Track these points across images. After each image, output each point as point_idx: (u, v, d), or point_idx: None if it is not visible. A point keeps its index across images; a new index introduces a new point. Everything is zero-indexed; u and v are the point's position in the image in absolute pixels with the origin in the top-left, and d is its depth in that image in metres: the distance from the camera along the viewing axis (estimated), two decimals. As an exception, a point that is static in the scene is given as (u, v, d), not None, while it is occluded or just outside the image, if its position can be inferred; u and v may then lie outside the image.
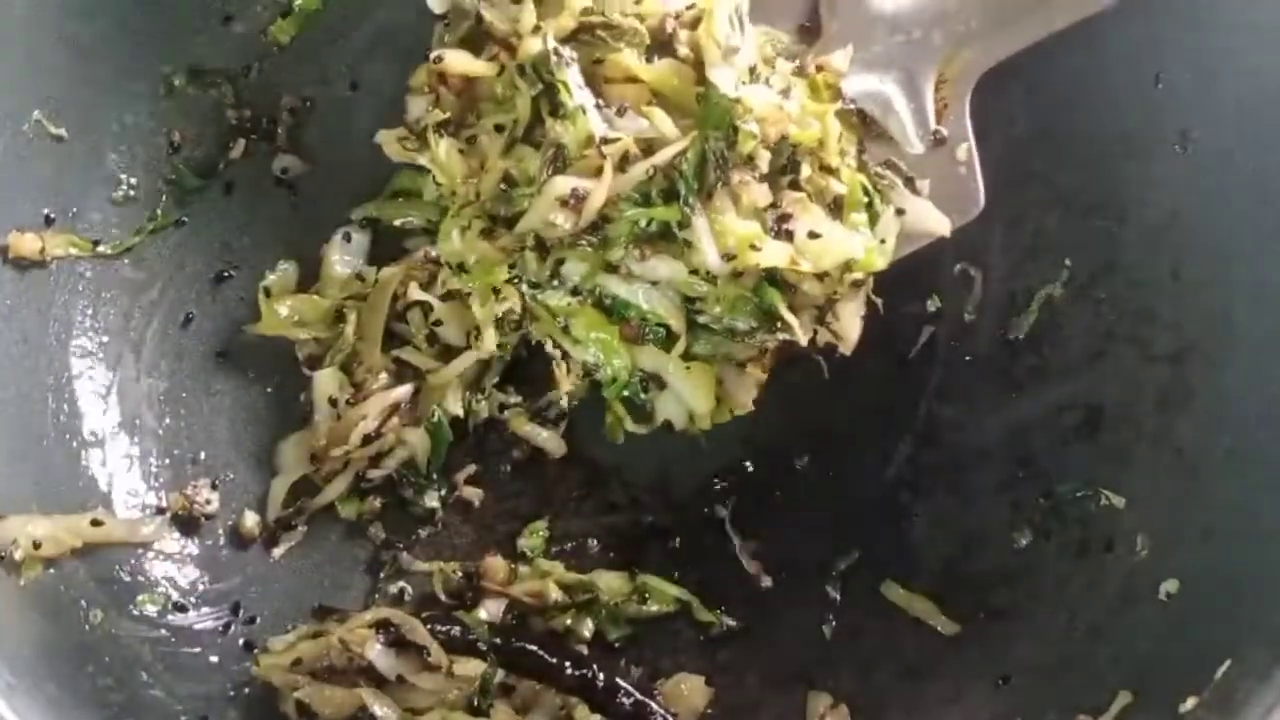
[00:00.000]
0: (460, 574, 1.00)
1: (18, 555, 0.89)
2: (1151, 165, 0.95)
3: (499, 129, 0.93)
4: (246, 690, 0.93)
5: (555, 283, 0.92)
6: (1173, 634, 0.87)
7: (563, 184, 0.88)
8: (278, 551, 1.01)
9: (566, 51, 0.89)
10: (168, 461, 1.00)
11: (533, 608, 0.99)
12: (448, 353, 1.02)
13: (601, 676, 0.95)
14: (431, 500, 1.02)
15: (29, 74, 0.95)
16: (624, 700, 0.94)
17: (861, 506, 1.03)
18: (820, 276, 0.89)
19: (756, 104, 0.88)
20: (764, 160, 0.89)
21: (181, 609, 0.96)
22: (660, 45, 0.91)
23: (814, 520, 1.03)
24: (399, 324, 1.03)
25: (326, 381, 1.01)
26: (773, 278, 0.89)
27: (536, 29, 0.90)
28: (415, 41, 0.99)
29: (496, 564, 1.00)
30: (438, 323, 1.01)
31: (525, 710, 0.94)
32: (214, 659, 0.95)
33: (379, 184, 1.04)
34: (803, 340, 0.91)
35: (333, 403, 1.00)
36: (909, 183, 0.94)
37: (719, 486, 1.04)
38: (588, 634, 0.99)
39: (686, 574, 1.02)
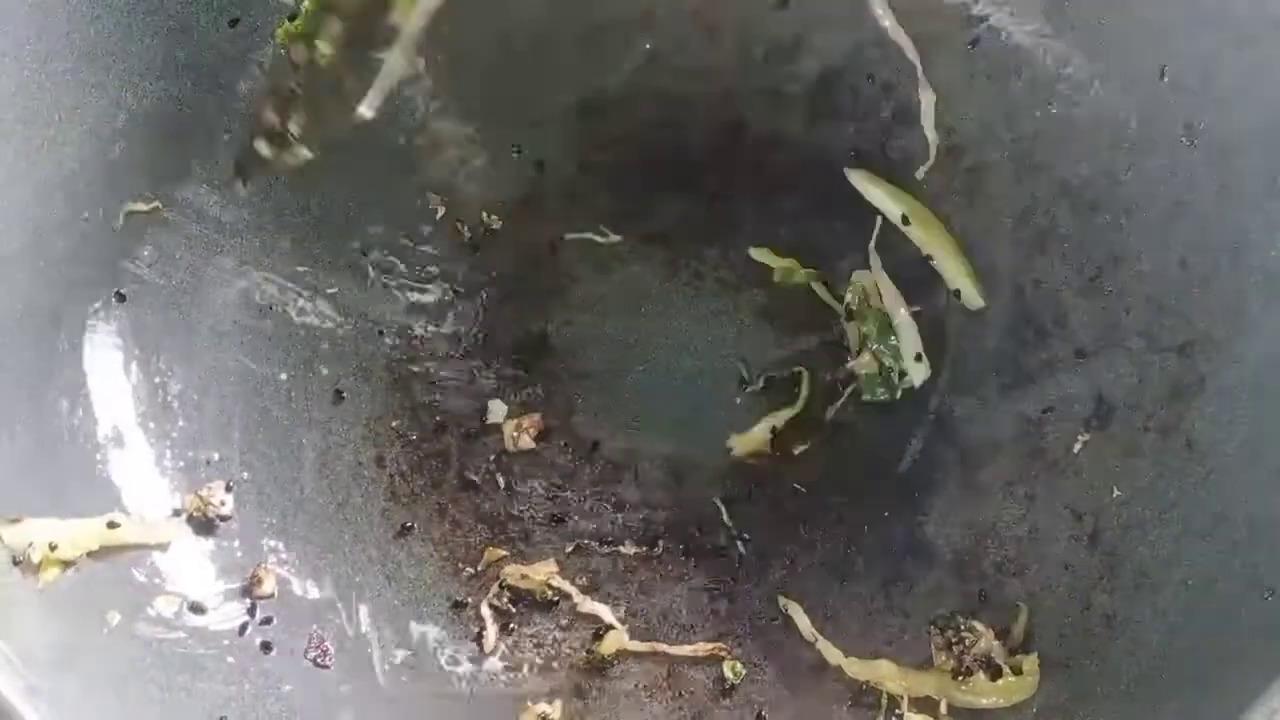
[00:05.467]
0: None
1: (35, 558, 0.89)
2: (1158, 157, 0.95)
3: None
4: (264, 690, 0.94)
5: None
6: (1183, 628, 0.87)
7: None
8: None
9: None
10: (182, 464, 1.00)
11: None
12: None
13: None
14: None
15: (31, 78, 0.94)
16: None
17: (873, 501, 1.03)
18: None
19: None
20: None
21: (198, 610, 0.96)
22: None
23: (826, 516, 1.04)
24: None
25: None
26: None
27: None
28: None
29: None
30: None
31: None
32: (231, 660, 0.95)
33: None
34: None
35: None
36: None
37: (732, 485, 1.05)
38: None
39: (699, 570, 1.03)
